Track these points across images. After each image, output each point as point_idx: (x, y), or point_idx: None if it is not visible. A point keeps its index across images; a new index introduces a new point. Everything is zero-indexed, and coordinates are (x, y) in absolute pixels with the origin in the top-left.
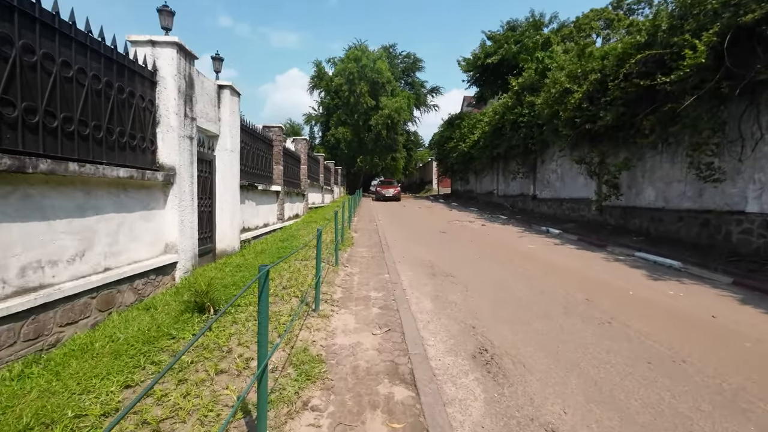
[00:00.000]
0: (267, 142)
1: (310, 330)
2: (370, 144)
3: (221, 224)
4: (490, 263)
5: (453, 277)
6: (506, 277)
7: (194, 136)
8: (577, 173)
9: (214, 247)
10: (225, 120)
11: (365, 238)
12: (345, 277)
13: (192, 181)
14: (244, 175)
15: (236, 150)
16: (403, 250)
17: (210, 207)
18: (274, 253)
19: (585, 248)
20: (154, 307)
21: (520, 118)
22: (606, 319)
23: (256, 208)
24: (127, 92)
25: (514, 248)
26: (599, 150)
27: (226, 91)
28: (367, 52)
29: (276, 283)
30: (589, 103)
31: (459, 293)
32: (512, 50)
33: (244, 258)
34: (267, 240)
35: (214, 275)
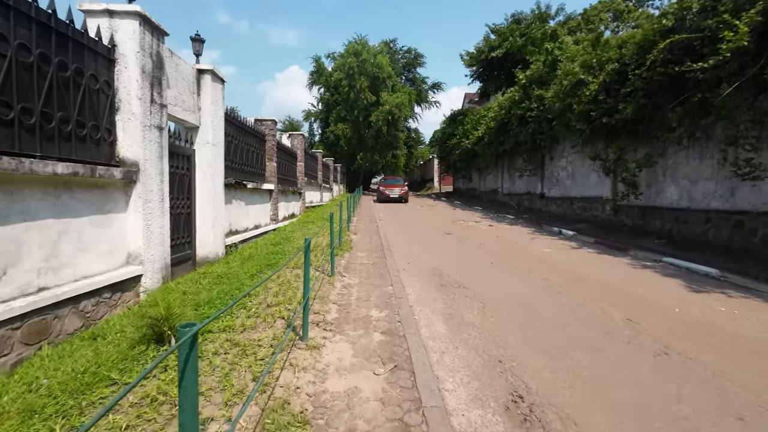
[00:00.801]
0: (259, 137)
1: (295, 369)
2: (370, 141)
3: (202, 228)
4: (505, 271)
5: (466, 288)
6: (526, 290)
7: (164, 126)
8: (590, 170)
9: (193, 254)
10: (206, 110)
11: (365, 240)
12: (342, 290)
13: (162, 178)
14: (231, 172)
15: (220, 144)
16: (406, 254)
17: (189, 208)
18: (263, 259)
19: (605, 252)
20: (102, 335)
21: (528, 112)
22: (660, 349)
23: (245, 208)
24: (73, 70)
25: (528, 252)
26: (616, 145)
27: (207, 77)
28: (367, 47)
29: (260, 299)
30: (605, 95)
31: (476, 311)
32: (517, 43)
33: (228, 266)
34: (257, 243)
35: (187, 289)
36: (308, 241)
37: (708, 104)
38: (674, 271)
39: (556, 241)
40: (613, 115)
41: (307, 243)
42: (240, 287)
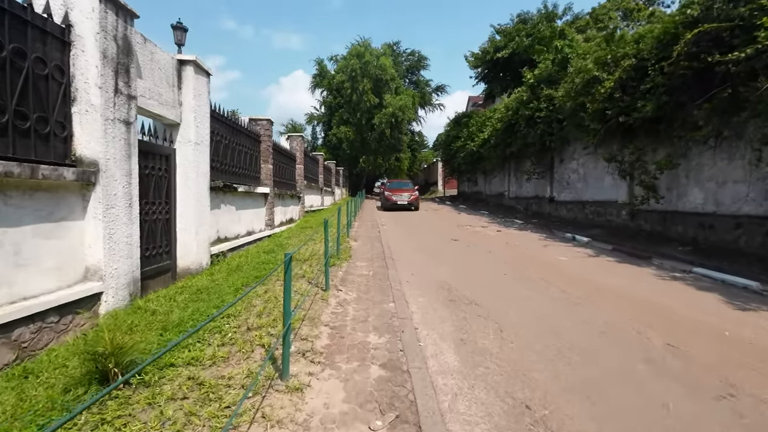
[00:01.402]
0: (253, 137)
1: (268, 423)
2: (373, 144)
3: (183, 235)
4: (520, 283)
5: (478, 306)
6: (546, 306)
7: (133, 121)
8: (604, 173)
9: (173, 265)
10: (188, 105)
11: (366, 248)
12: (336, 308)
13: (130, 180)
14: (220, 175)
15: (204, 143)
16: (410, 263)
17: (167, 214)
18: (253, 269)
19: (626, 261)
20: (37, 372)
21: (536, 113)
22: (722, 387)
23: (236, 213)
24: (10, 50)
25: (543, 261)
26: (634, 146)
27: (189, 69)
28: (370, 48)
29: (240, 321)
30: (621, 93)
31: (492, 335)
32: (524, 43)
33: (211, 278)
34: (249, 252)
35: (158, 308)
36: (289, 257)
37: (740, 100)
38: (709, 284)
39: (571, 248)
40: (631, 113)
41: (288, 258)
42: (220, 304)
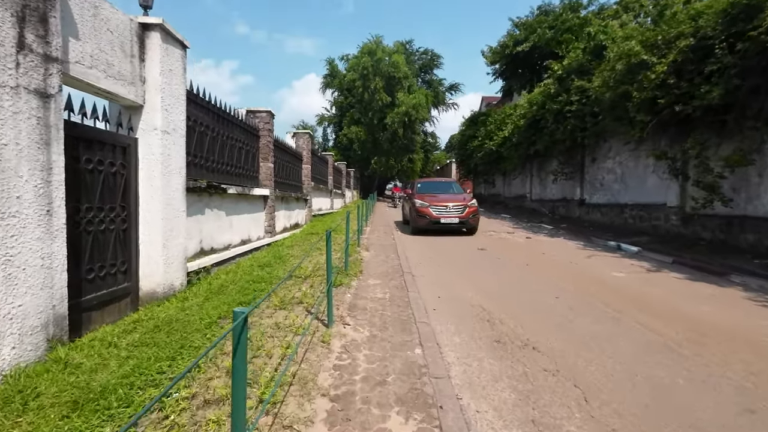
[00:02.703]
0: (250, 131)
1: None
2: (385, 144)
3: (148, 249)
4: (582, 313)
5: (538, 351)
6: (637, 355)
7: (53, 93)
8: (647, 172)
9: (134, 288)
10: (154, 82)
11: (380, 259)
12: (341, 358)
13: (48, 177)
14: (203, 173)
15: (178, 132)
16: (434, 280)
17: (125, 222)
18: (240, 290)
19: (698, 278)
20: None
21: (566, 107)
22: None
23: (226, 219)
24: None
25: (595, 278)
26: (694, 140)
27: (155, 36)
28: (381, 46)
29: (197, 386)
30: (676, 78)
31: (577, 413)
32: (546, 35)
33: (182, 305)
34: (240, 266)
35: (85, 361)
36: (242, 317)
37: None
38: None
39: (621, 260)
40: (689, 101)
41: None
42: (181, 350)
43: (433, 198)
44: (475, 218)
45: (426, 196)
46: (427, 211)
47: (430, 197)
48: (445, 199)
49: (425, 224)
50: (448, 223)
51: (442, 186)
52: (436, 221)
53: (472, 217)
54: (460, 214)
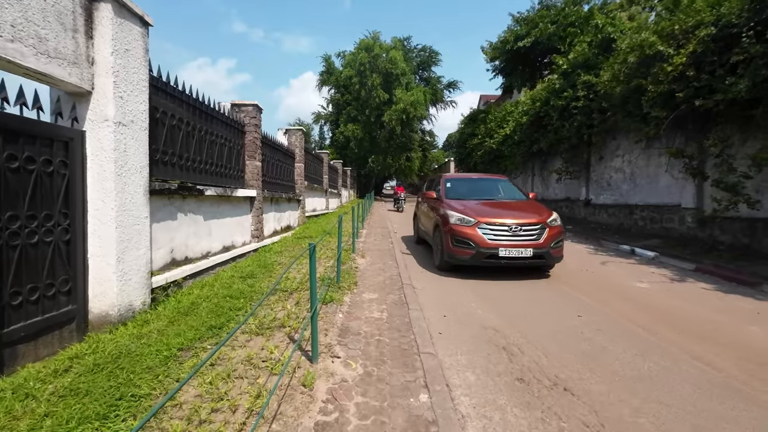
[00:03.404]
0: (234, 126)
1: None
2: (382, 142)
3: (98, 264)
4: (614, 338)
5: (572, 394)
6: (695, 397)
7: None
8: (659, 171)
9: (82, 312)
10: (105, 64)
11: (376, 267)
12: (326, 406)
13: None
14: (173, 171)
15: (137, 123)
16: (438, 295)
17: (67, 233)
18: (214, 309)
19: (729, 289)
20: None
21: (572, 102)
22: None
23: (204, 225)
24: None
25: (618, 290)
26: (716, 136)
27: (106, 8)
28: (379, 42)
29: None
30: (696, 71)
31: None
32: (548, 30)
33: (139, 331)
34: (219, 277)
35: None
36: None
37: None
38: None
39: (639, 267)
40: (710, 95)
41: None
42: (119, 402)
43: (480, 209)
44: (559, 247)
45: (466, 205)
46: (474, 235)
47: (474, 208)
48: (502, 211)
49: (470, 257)
50: (513, 258)
51: (487, 186)
52: (490, 253)
53: (555, 246)
54: (534, 241)
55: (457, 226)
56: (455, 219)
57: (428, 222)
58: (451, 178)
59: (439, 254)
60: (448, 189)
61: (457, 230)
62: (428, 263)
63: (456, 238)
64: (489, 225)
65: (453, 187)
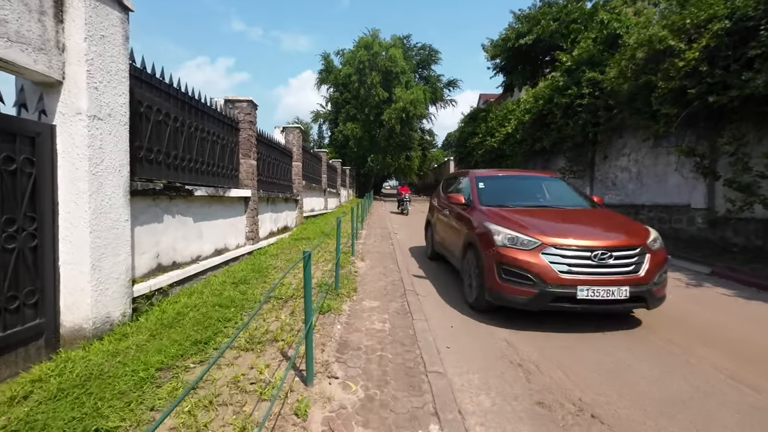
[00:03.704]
0: (227, 123)
1: None
2: (382, 141)
3: (72, 272)
4: (635, 348)
5: (602, 423)
6: (742, 427)
7: None
8: (667, 170)
9: (52, 325)
10: (77, 51)
11: (377, 271)
12: None
13: None
14: (159, 170)
15: (117, 118)
16: (444, 300)
17: (34, 239)
18: (197, 323)
19: (749, 295)
20: None
21: (576, 100)
22: None
23: (194, 227)
24: None
25: None
26: (730, 134)
27: None
28: (378, 39)
29: None
30: (709, 66)
31: None
32: (550, 27)
33: (118, 346)
34: (210, 283)
35: None
36: None
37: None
38: None
39: None
40: (725, 91)
41: None
42: None
43: (539, 223)
44: (663, 282)
45: (516, 216)
46: (537, 265)
47: (530, 221)
48: (572, 227)
49: (529, 299)
50: (599, 301)
51: (534, 187)
52: (563, 293)
53: (659, 281)
54: (631, 274)
55: (507, 250)
56: (504, 238)
57: (451, 236)
58: (483, 176)
59: (475, 289)
60: (481, 191)
61: (508, 256)
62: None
63: (506, 268)
64: (560, 249)
65: (488, 188)
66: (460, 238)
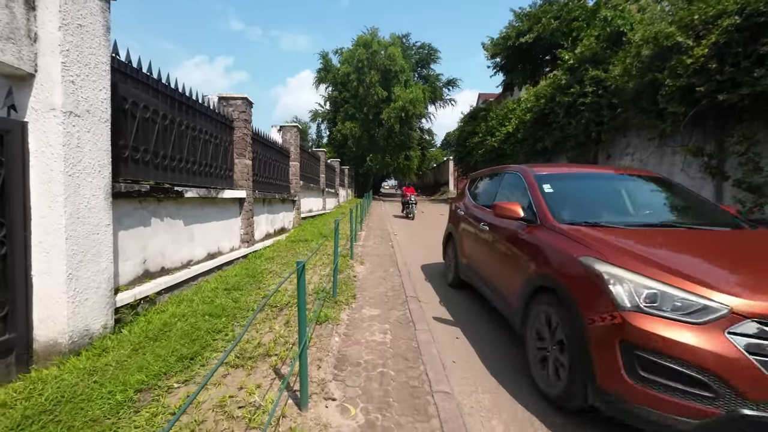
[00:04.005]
0: (220, 122)
1: None
2: (381, 141)
3: (46, 281)
4: None
5: None
6: None
7: None
8: (673, 170)
9: (23, 340)
10: (51, 41)
11: (377, 276)
12: None
13: None
14: (146, 170)
15: (97, 115)
16: (446, 310)
17: (2, 246)
18: (185, 335)
19: None
20: None
21: (579, 99)
22: None
23: (185, 230)
24: None
25: None
26: (741, 134)
27: None
28: (377, 38)
29: None
30: (719, 63)
31: None
32: (551, 25)
33: (97, 362)
34: (201, 290)
35: None
36: None
37: None
38: None
39: None
40: (735, 89)
41: None
42: None
43: (702, 265)
44: None
45: (638, 244)
46: (728, 358)
47: (672, 255)
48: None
49: (708, 426)
50: None
51: (633, 193)
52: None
53: None
54: None
55: (645, 321)
56: (635, 293)
57: (496, 267)
58: (549, 174)
59: (565, 379)
60: (550, 198)
61: (651, 334)
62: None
63: (647, 356)
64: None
65: (560, 193)
66: (518, 276)
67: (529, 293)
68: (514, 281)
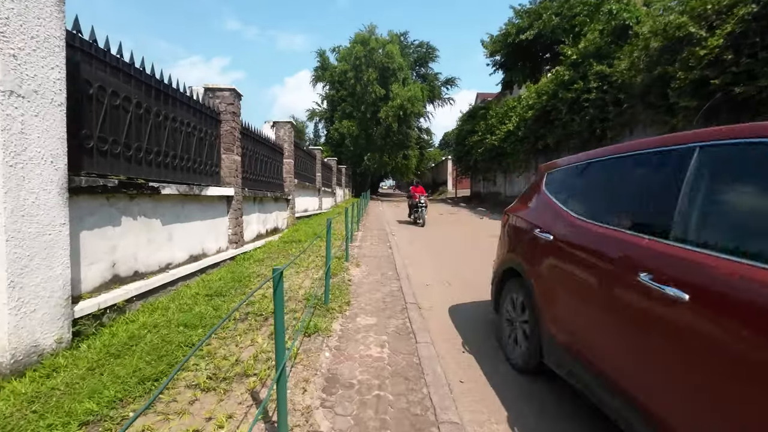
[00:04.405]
0: (204, 113)
1: None
2: (378, 140)
3: None
4: None
5: None
6: None
7: None
8: None
9: None
10: None
11: (374, 280)
12: None
13: None
14: (117, 163)
15: (47, 96)
16: (450, 320)
17: None
18: (154, 349)
19: None
20: None
21: (583, 95)
22: None
23: (162, 230)
24: None
25: None
26: None
27: None
28: (375, 36)
29: None
30: (734, 54)
31: None
32: (552, 22)
33: (43, 385)
34: (180, 295)
35: None
36: None
37: None
38: None
39: None
40: (752, 81)
41: None
42: None
43: None
44: None
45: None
46: None
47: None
48: None
49: None
50: None
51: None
52: None
53: None
54: None
55: None
56: None
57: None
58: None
59: None
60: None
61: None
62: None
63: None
64: None
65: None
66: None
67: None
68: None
